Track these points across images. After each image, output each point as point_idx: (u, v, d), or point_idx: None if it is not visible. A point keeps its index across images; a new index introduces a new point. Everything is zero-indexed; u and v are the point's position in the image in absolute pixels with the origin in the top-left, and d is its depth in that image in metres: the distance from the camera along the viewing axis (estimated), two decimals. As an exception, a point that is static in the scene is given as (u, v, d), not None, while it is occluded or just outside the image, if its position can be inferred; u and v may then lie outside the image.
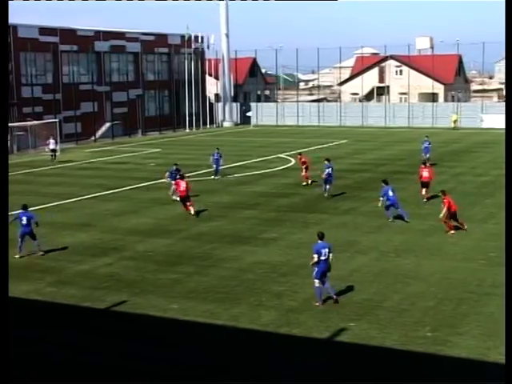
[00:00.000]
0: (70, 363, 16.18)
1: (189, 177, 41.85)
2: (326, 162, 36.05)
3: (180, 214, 32.22)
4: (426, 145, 47.48)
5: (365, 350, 16.53)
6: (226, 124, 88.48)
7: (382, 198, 30.33)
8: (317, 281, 19.47)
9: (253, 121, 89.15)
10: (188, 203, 31.96)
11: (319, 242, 19.76)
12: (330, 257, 19.65)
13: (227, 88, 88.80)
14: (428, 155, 46.47)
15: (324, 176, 35.52)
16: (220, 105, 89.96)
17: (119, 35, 78.27)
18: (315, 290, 19.59)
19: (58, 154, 54.73)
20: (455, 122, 77.20)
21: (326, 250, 19.55)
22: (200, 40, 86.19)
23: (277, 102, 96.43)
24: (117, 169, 48.52)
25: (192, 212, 31.56)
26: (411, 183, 39.64)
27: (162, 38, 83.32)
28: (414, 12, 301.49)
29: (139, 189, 39.88)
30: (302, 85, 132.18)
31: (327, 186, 35.58)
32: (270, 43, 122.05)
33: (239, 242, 26.86)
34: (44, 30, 69.33)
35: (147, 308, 19.58)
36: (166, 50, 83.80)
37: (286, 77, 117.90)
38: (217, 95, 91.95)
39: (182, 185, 32.10)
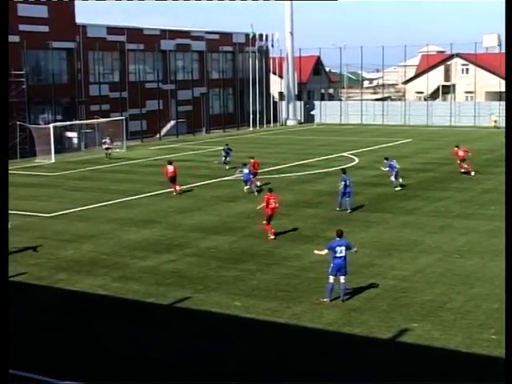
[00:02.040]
0: (135, 357, 16.42)
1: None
2: (385, 161, 38.26)
3: (243, 212, 32.38)
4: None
5: (428, 351, 16.35)
6: (290, 122, 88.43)
7: (341, 184, 31.92)
8: (331, 277, 19.68)
9: (316, 119, 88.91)
10: (174, 184, 37.15)
11: (337, 239, 19.92)
12: (354, 249, 20.02)
13: (291, 86, 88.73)
14: None
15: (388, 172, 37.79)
16: (284, 103, 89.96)
17: (184, 34, 78.90)
18: (327, 285, 19.75)
19: (116, 151, 55.44)
20: (496, 121, 76.66)
21: (343, 247, 19.67)
22: (264, 38, 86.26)
23: (341, 100, 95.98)
24: (181, 166, 48.78)
25: (176, 192, 37.09)
26: (475, 183, 39.10)
27: (226, 37, 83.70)
28: (481, 9, 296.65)
29: (203, 186, 40.16)
30: (366, 83, 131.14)
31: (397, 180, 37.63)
32: (334, 41, 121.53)
33: (301, 241, 26.85)
34: (112, 30, 70.34)
35: (210, 304, 19.74)
36: (230, 48, 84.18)
37: (350, 75, 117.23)
38: (281, 93, 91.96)
39: (170, 168, 37.33)
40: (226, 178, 41.64)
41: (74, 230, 29.75)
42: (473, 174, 41.59)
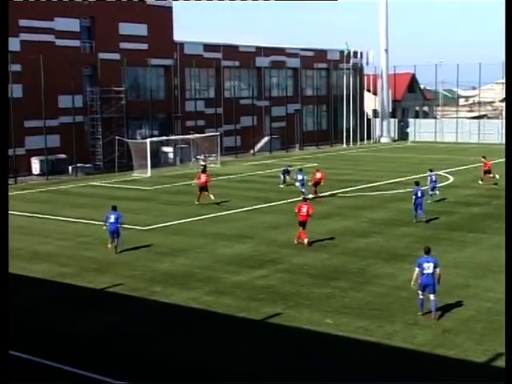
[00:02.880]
0: (228, 371, 16.54)
1: (345, 192, 41.89)
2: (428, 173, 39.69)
3: (335, 230, 32.23)
4: None
5: (524, 376, 15.85)
6: (384, 140, 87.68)
7: (414, 197, 33.44)
8: (419, 292, 20.05)
9: (411, 137, 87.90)
10: (206, 192, 39.36)
11: (424, 256, 20.14)
12: (437, 271, 19.91)
13: (385, 104, 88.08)
14: None
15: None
16: (378, 120, 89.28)
17: (279, 51, 79.36)
18: (417, 300, 20.15)
19: (210, 166, 55.62)
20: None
21: (431, 264, 19.86)
22: (359, 56, 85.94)
23: (435, 118, 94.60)
24: (274, 182, 49.10)
25: (212, 197, 39.27)
26: None
27: (321, 54, 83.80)
28: None
29: (295, 202, 40.05)
30: (461, 101, 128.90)
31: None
32: (429, 58, 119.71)
33: (395, 259, 26.53)
34: (208, 47, 71.40)
35: (301, 321, 19.70)
36: (324, 65, 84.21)
37: (445, 93, 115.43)
38: (375, 111, 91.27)
39: (202, 178, 39.63)
40: (321, 195, 41.58)
41: (169, 243, 30.24)
42: (480, 182, 44.53)
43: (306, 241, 29.08)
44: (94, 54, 60.11)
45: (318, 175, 41.81)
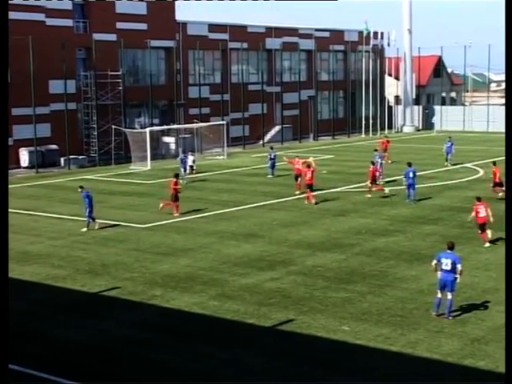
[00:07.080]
0: (233, 381, 16.54)
1: (363, 186, 41.80)
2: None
3: (353, 227, 32.22)
4: (448, 145, 54.03)
5: (562, 389, 15.82)
6: (406, 129, 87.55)
7: (404, 179, 38.18)
8: (438, 291, 20.34)
9: (436, 126, 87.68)
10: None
11: (447, 251, 20.46)
12: (459, 267, 20.14)
13: (408, 89, 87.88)
14: (449, 155, 53.75)
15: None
16: (400, 108, 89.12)
17: (292, 32, 79.36)
18: (434, 300, 20.48)
19: (195, 168, 54.95)
20: None
21: (449, 260, 20.13)
22: (380, 36, 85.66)
23: (464, 105, 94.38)
24: (286, 176, 49.10)
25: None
26: None
27: (337, 35, 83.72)
28: None
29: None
30: (493, 86, 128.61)
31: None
32: (457, 39, 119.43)
33: (419, 261, 26.48)
34: (213, 27, 71.46)
35: (315, 328, 19.69)
36: (341, 47, 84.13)
37: (475, 77, 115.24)
38: (397, 97, 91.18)
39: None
40: (335, 190, 41.56)
41: (171, 242, 30.28)
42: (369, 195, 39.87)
43: (313, 201, 37.36)
44: (89, 35, 60.19)
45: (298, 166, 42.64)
